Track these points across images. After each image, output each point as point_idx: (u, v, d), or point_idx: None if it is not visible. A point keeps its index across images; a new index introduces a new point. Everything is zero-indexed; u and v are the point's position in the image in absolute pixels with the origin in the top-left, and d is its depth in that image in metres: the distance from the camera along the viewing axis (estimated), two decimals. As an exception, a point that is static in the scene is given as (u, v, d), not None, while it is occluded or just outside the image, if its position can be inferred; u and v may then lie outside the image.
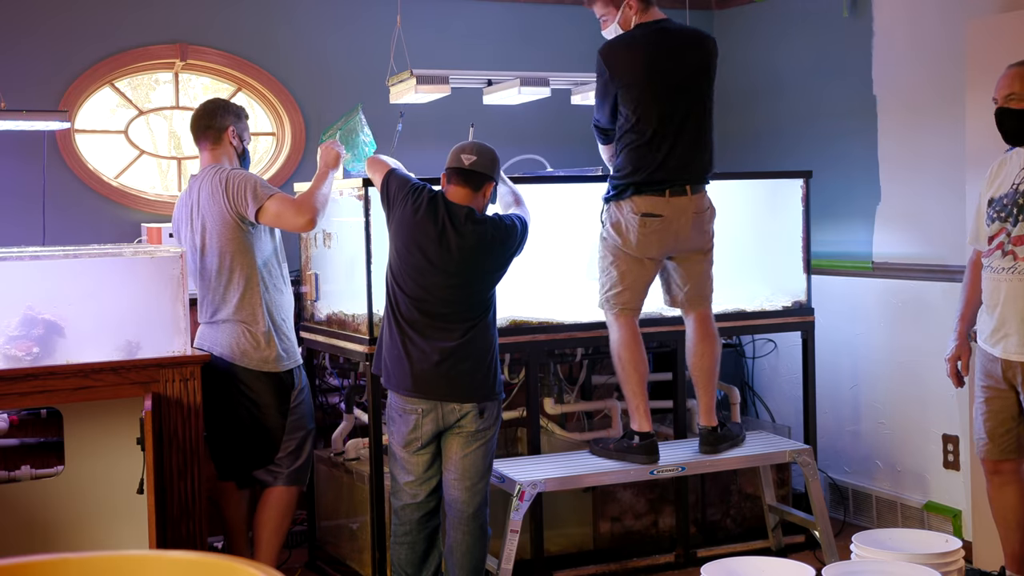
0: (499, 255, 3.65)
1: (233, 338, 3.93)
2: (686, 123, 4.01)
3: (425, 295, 3.58)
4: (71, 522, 4.06)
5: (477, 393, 3.61)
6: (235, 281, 3.91)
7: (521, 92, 4.46)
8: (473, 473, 3.66)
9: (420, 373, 3.59)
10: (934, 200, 4.69)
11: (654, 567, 4.48)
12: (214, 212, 3.90)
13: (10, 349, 3.64)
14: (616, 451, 4.16)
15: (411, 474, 3.69)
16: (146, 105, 5.18)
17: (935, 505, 4.73)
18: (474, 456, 3.65)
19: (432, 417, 3.61)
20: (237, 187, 3.86)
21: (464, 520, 3.67)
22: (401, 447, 3.67)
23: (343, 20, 5.21)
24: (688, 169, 4.03)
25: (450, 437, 3.66)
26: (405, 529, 3.73)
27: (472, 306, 3.62)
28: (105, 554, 1.21)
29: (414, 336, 3.59)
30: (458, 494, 3.66)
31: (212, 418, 3.95)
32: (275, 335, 3.96)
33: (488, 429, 3.66)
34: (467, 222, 3.58)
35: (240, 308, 3.91)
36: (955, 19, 4.52)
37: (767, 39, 5.62)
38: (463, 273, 3.59)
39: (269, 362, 3.95)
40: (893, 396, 4.94)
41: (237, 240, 3.89)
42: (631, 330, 4.08)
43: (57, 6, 4.73)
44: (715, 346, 4.22)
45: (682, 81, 4.03)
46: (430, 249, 3.57)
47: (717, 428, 4.25)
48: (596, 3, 4.10)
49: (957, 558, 3.44)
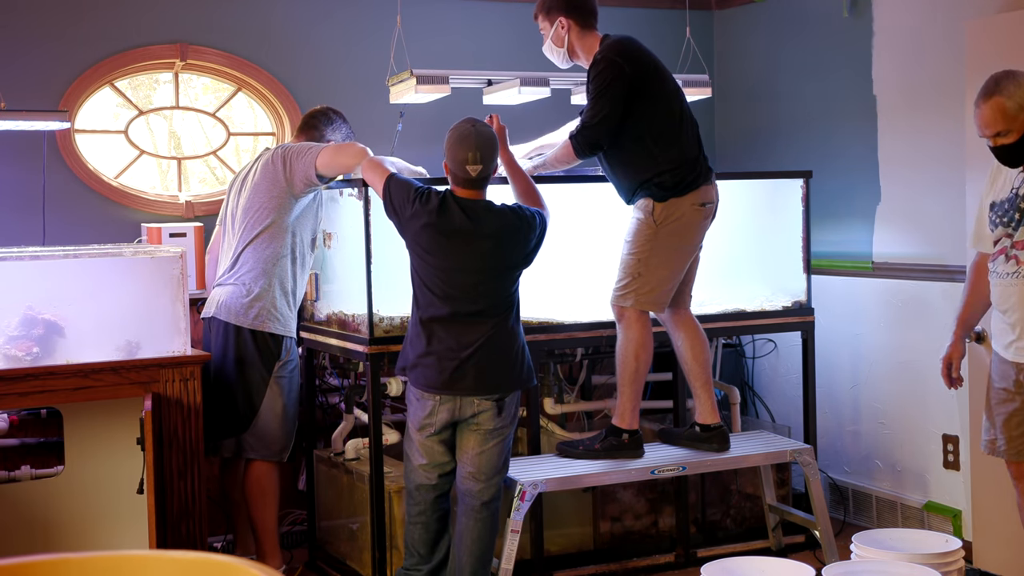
0: (522, 244, 3.69)
1: (229, 296, 4.14)
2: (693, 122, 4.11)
3: (455, 291, 3.62)
4: (71, 522, 4.06)
5: (500, 385, 3.66)
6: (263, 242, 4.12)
7: (521, 92, 4.46)
8: (488, 469, 3.70)
9: (444, 370, 3.62)
10: (934, 200, 4.69)
11: (654, 567, 4.48)
12: (267, 178, 4.15)
13: (10, 349, 3.64)
14: (605, 451, 4.15)
15: (424, 457, 3.72)
16: (146, 105, 5.18)
17: (935, 505, 4.73)
18: (490, 453, 3.69)
19: (449, 407, 3.65)
20: (293, 154, 4.14)
21: (476, 508, 3.72)
22: (416, 430, 3.71)
23: (343, 20, 5.21)
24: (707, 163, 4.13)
25: (466, 432, 3.69)
26: (420, 509, 3.76)
27: (498, 301, 3.66)
28: (105, 554, 1.21)
29: (442, 335, 3.63)
30: (472, 485, 3.71)
31: None
32: (275, 297, 4.13)
33: (506, 427, 3.70)
34: (486, 213, 3.63)
35: (251, 269, 4.13)
36: (955, 19, 4.52)
37: (767, 39, 5.62)
38: (489, 264, 3.64)
39: (259, 318, 4.11)
40: (893, 396, 4.94)
41: (281, 203, 4.13)
42: (647, 328, 4.09)
43: (57, 6, 4.73)
44: (707, 339, 4.25)
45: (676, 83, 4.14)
46: (453, 246, 3.60)
47: (722, 425, 4.27)
48: (536, 18, 4.15)
49: (957, 558, 3.44)
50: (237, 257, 4.16)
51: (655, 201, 4.00)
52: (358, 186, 4.07)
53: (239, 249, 4.16)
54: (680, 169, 3.99)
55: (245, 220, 4.16)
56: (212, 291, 4.27)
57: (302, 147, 4.18)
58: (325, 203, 4.41)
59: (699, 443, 4.25)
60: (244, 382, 4.14)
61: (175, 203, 4.95)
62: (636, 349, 4.07)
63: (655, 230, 4.01)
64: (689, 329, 4.20)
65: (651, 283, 4.04)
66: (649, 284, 4.04)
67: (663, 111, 4.00)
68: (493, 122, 4.00)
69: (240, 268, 4.15)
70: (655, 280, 4.04)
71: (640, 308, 4.05)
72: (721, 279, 4.30)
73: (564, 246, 4.49)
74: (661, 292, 4.06)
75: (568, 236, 4.50)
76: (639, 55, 4.01)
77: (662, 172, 3.98)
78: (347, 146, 4.14)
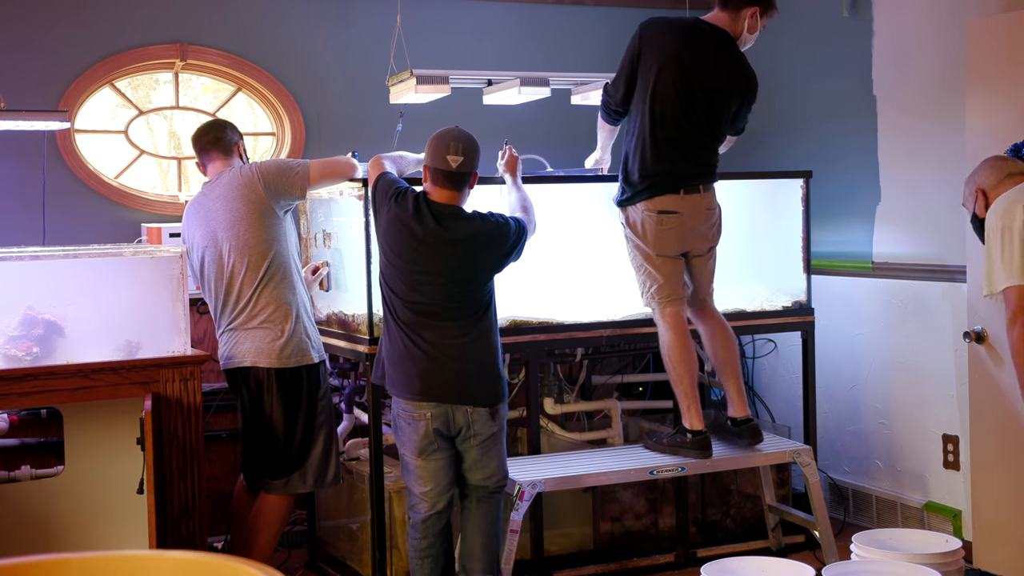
0: (492, 253, 3.61)
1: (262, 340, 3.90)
2: (703, 123, 4.04)
3: (420, 296, 3.55)
4: (71, 522, 4.06)
5: (487, 396, 3.59)
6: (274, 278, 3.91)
7: (521, 92, 4.46)
8: (496, 468, 3.68)
9: (425, 373, 3.54)
10: (934, 200, 4.69)
11: (654, 567, 4.48)
12: (250, 207, 3.90)
13: (10, 349, 3.64)
14: (669, 446, 4.19)
15: (427, 483, 3.60)
16: (146, 105, 5.18)
17: (935, 505, 4.73)
18: (492, 455, 3.66)
19: (442, 421, 3.56)
20: (275, 171, 3.97)
21: (488, 495, 3.69)
22: (415, 455, 3.59)
23: (343, 20, 5.21)
24: (700, 166, 4.09)
25: (466, 446, 3.62)
26: (429, 542, 3.65)
27: (468, 304, 3.59)
28: (105, 554, 1.21)
29: (416, 338, 3.56)
30: (482, 482, 3.67)
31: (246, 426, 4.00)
32: (305, 326, 3.97)
33: (502, 429, 3.68)
34: (455, 219, 3.55)
35: (276, 309, 3.90)
36: (955, 19, 4.52)
37: (767, 39, 5.60)
38: (455, 271, 3.55)
39: (299, 353, 3.93)
40: (893, 396, 4.94)
41: (274, 232, 3.93)
42: (679, 328, 4.09)
43: (57, 6, 4.73)
44: (733, 334, 4.29)
45: (706, 84, 4.01)
46: (420, 250, 3.53)
47: (752, 418, 4.31)
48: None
49: (957, 558, 3.44)
50: (251, 299, 3.90)
51: (617, 205, 4.14)
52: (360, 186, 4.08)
53: (249, 291, 3.89)
54: (640, 173, 4.01)
55: (245, 259, 3.89)
56: (230, 336, 3.96)
57: (281, 167, 4.00)
58: (325, 203, 4.41)
59: (732, 437, 4.28)
60: (292, 424, 3.96)
61: (175, 203, 4.95)
62: (667, 351, 4.12)
63: (626, 234, 4.13)
64: (714, 325, 4.25)
65: (645, 281, 4.12)
66: (645, 283, 4.12)
67: (650, 110, 3.99)
68: (507, 151, 4.04)
69: (263, 311, 3.90)
70: (647, 278, 4.11)
71: (659, 306, 4.10)
72: (721, 279, 4.30)
73: (564, 247, 4.49)
74: (658, 287, 4.08)
75: (567, 236, 4.51)
76: (659, 42, 4.01)
77: (624, 173, 4.08)
78: (335, 160, 4.08)
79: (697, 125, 4.03)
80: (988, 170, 3.53)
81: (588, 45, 5.65)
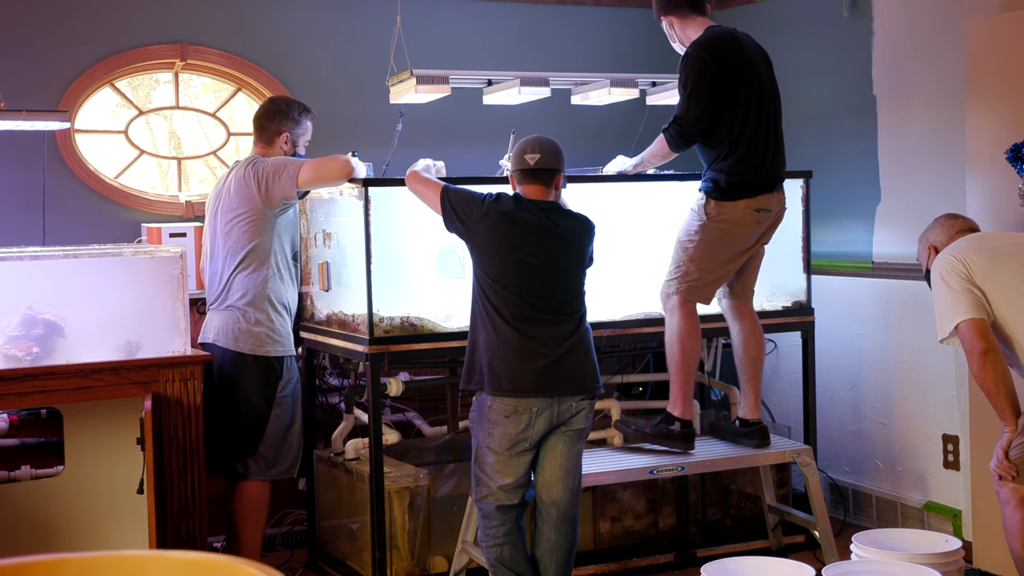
0: (585, 248, 3.69)
1: (225, 322, 4.13)
2: (775, 122, 4.15)
3: (539, 289, 3.55)
4: (71, 522, 4.06)
5: (594, 386, 3.60)
6: (250, 265, 4.12)
7: (521, 92, 4.46)
8: (577, 473, 3.63)
9: (542, 369, 3.51)
10: (934, 200, 4.69)
11: (654, 567, 4.48)
12: (243, 198, 4.12)
13: (10, 349, 3.64)
14: (654, 435, 4.18)
15: (509, 477, 3.56)
16: (146, 105, 5.18)
17: (935, 505, 4.73)
18: (577, 455, 3.63)
19: (547, 415, 3.53)
20: (270, 171, 4.10)
21: (566, 521, 3.62)
22: (505, 449, 3.53)
23: (343, 20, 5.21)
24: (782, 165, 4.19)
25: (557, 436, 3.58)
26: (506, 528, 3.60)
27: (577, 297, 3.64)
28: (105, 554, 1.21)
29: (530, 334, 3.52)
30: (561, 494, 3.60)
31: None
32: (272, 319, 4.14)
33: (590, 428, 3.66)
34: (557, 212, 3.63)
35: (244, 295, 4.12)
36: (955, 19, 4.52)
37: (767, 39, 5.60)
38: (567, 263, 3.61)
39: (260, 343, 4.11)
40: (893, 396, 4.94)
41: (262, 224, 4.12)
42: (694, 317, 4.13)
43: (57, 6, 4.73)
44: (762, 335, 4.33)
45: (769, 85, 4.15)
46: (534, 240, 3.55)
47: (762, 421, 4.32)
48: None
49: (957, 558, 3.44)
50: (227, 283, 4.15)
51: (709, 197, 4.07)
52: (358, 186, 4.08)
53: (227, 275, 4.14)
54: (739, 175, 4.04)
55: (227, 245, 4.14)
56: (207, 316, 4.26)
57: (277, 165, 4.13)
58: (325, 203, 4.41)
59: (739, 438, 4.28)
60: (249, 407, 4.13)
61: (175, 203, 4.95)
62: (679, 336, 4.11)
63: (704, 224, 4.08)
64: (747, 322, 4.27)
65: (694, 275, 4.10)
66: (692, 276, 4.10)
67: (741, 113, 4.03)
68: None
69: (232, 295, 4.13)
70: (698, 272, 4.09)
71: (684, 298, 4.10)
72: (721, 279, 4.31)
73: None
74: (705, 285, 4.11)
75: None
76: (726, 53, 4.04)
77: (723, 171, 4.05)
78: (328, 160, 4.12)
79: (775, 125, 4.15)
80: (939, 228, 3.80)
81: (588, 45, 5.65)
